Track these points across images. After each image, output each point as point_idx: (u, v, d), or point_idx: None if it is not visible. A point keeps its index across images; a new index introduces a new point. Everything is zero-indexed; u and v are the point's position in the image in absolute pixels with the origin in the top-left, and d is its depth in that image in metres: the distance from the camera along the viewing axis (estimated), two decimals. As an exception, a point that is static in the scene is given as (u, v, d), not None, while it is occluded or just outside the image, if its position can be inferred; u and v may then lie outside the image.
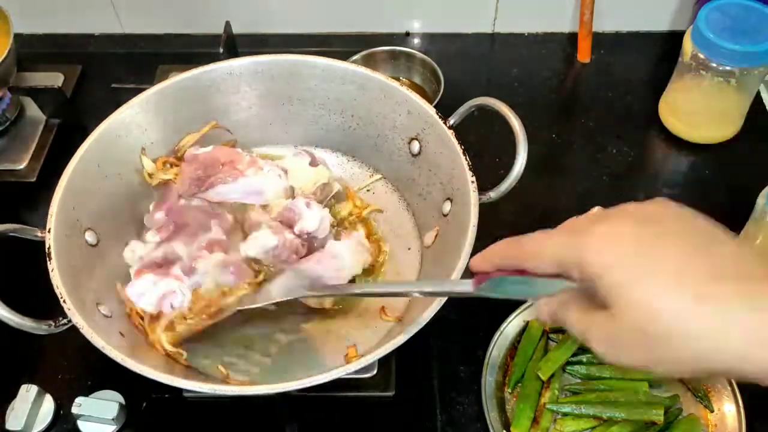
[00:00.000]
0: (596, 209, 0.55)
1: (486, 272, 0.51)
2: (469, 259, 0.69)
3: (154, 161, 0.84)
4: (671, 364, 0.42)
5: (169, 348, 0.73)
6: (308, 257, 0.78)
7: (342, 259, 0.78)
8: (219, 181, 0.82)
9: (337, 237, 0.82)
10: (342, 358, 0.76)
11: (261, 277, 0.77)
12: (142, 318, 0.75)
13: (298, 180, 0.85)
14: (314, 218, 0.79)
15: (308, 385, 0.62)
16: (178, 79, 0.84)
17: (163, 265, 0.76)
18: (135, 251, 0.79)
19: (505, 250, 0.49)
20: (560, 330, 0.84)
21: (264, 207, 0.82)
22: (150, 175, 0.84)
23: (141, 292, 0.74)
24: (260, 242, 0.77)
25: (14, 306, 0.66)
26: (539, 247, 0.47)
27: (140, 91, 0.83)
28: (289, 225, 0.79)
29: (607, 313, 0.43)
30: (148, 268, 0.76)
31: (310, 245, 0.80)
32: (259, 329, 0.79)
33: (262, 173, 0.82)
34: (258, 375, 0.75)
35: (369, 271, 0.82)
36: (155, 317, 0.74)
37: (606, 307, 0.43)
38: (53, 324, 0.67)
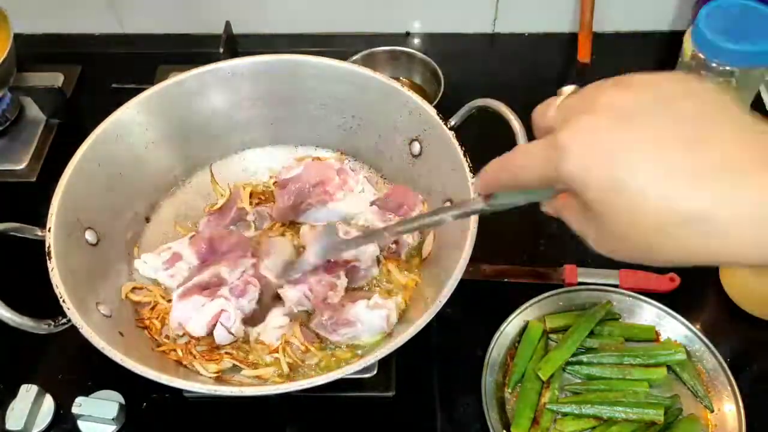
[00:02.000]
0: (568, 89, 0.51)
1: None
2: (470, 258, 0.69)
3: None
4: (662, 259, 0.40)
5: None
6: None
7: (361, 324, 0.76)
8: (309, 207, 0.83)
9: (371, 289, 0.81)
10: None
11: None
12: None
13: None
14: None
15: (309, 385, 0.62)
16: (178, 79, 0.84)
17: (208, 287, 0.76)
18: (148, 263, 0.80)
19: (498, 173, 0.48)
20: (560, 330, 0.84)
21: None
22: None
23: (188, 316, 0.74)
24: (289, 296, 0.77)
25: (14, 305, 0.66)
26: (524, 163, 0.45)
27: (140, 91, 0.83)
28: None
29: (599, 217, 0.41)
30: (194, 291, 0.75)
31: (353, 274, 0.79)
32: None
33: (351, 195, 0.83)
34: None
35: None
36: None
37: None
38: (53, 324, 0.67)
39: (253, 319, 0.77)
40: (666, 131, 0.38)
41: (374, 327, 0.74)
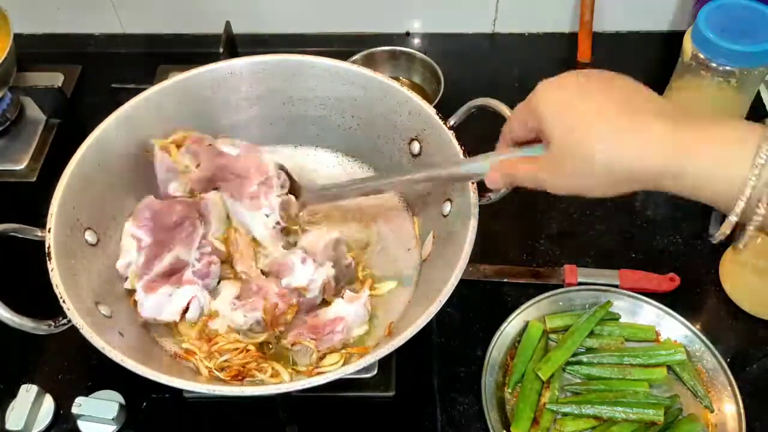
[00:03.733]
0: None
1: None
2: (470, 258, 0.69)
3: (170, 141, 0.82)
4: (601, 185, 0.55)
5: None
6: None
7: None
8: (219, 189, 0.81)
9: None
10: None
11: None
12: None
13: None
14: (305, 275, 0.76)
15: (308, 385, 0.62)
16: (178, 79, 0.84)
17: (172, 273, 0.76)
18: (131, 263, 0.77)
19: (506, 128, 0.64)
20: (560, 330, 0.84)
21: (254, 241, 0.81)
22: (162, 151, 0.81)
23: (158, 307, 0.75)
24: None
25: (14, 306, 0.66)
26: (515, 115, 0.62)
27: (140, 91, 0.83)
28: (276, 276, 0.77)
29: (549, 152, 0.56)
30: (159, 282, 0.75)
31: (299, 304, 0.77)
32: None
33: (259, 213, 0.79)
34: None
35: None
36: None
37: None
38: (53, 324, 0.67)
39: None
40: (609, 103, 0.54)
41: (360, 317, 0.76)
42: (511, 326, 0.84)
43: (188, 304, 0.75)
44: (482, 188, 0.75)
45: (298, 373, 0.74)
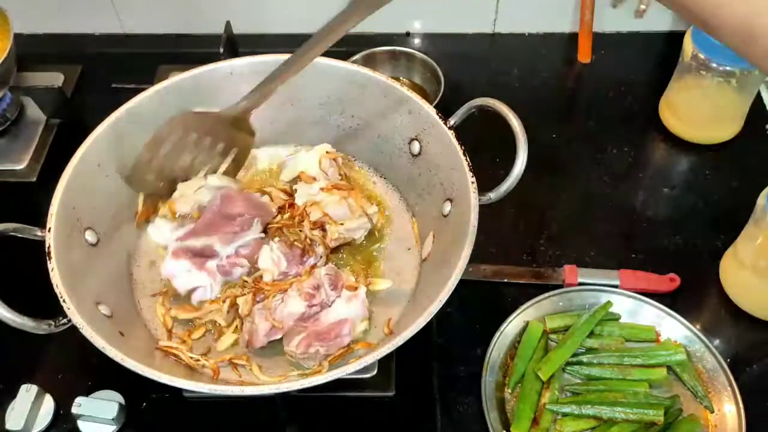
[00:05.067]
0: None
1: None
2: (470, 258, 0.69)
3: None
4: None
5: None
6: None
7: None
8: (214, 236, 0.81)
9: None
10: None
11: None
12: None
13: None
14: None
15: (308, 385, 0.62)
16: (178, 79, 0.84)
17: (200, 255, 0.78)
18: (161, 229, 0.82)
19: None
20: (560, 330, 0.84)
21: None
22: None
23: (174, 274, 0.78)
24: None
25: (14, 306, 0.66)
26: None
27: (140, 91, 0.83)
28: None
29: None
30: (185, 254, 0.78)
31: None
32: None
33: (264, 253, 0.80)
34: None
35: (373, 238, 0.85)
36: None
37: None
38: (53, 324, 0.67)
39: None
40: None
41: (360, 314, 0.77)
42: (511, 326, 0.84)
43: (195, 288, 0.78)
44: (482, 188, 0.75)
45: (305, 375, 0.74)
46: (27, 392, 0.79)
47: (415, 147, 0.84)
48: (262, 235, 0.82)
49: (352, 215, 0.83)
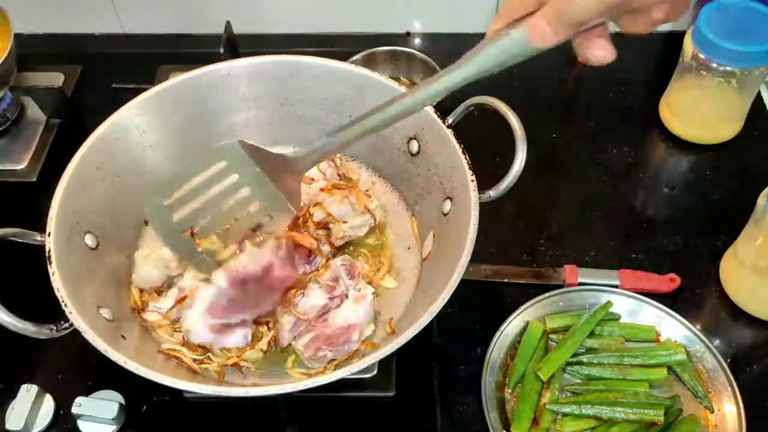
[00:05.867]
0: None
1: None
2: (470, 258, 0.69)
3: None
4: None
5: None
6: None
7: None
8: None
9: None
10: None
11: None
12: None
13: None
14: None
15: (309, 386, 0.62)
16: (178, 79, 0.84)
17: (232, 326, 0.75)
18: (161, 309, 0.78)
19: (502, 9, 0.57)
20: (560, 330, 0.84)
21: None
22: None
23: (199, 332, 0.74)
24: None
25: (15, 309, 0.66)
26: None
27: (140, 91, 0.83)
28: None
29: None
30: (213, 329, 0.74)
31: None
32: None
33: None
34: None
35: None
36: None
37: None
38: (55, 328, 0.67)
39: None
40: None
41: (368, 316, 0.77)
42: (511, 326, 0.84)
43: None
44: (482, 187, 0.75)
45: (309, 376, 0.74)
46: (27, 392, 0.79)
47: (414, 146, 0.84)
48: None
49: (354, 213, 0.84)
